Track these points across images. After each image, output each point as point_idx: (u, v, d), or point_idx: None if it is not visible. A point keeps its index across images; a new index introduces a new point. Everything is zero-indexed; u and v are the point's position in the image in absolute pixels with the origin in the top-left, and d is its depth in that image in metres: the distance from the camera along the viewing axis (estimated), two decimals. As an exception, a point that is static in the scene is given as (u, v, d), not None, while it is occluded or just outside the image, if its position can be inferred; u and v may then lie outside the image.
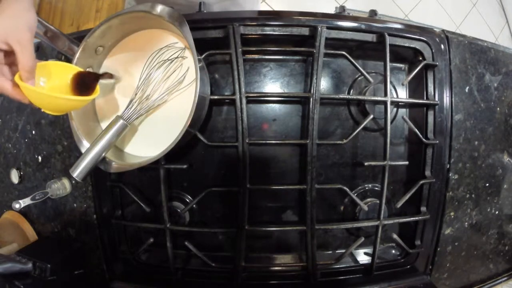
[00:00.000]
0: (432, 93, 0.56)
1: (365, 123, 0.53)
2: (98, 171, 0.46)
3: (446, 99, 0.56)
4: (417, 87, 0.57)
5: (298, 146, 0.55)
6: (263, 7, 1.84)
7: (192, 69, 0.47)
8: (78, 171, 0.43)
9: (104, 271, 0.59)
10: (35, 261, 0.53)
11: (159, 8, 0.44)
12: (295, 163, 0.56)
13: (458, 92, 0.57)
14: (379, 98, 0.52)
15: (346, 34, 0.53)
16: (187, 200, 0.56)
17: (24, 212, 0.66)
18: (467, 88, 0.58)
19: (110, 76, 0.49)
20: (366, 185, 0.58)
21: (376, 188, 0.58)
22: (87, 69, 0.49)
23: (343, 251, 0.57)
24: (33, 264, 0.53)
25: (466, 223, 0.61)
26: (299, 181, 0.56)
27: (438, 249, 0.59)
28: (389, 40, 0.52)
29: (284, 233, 0.58)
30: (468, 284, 0.64)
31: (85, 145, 0.47)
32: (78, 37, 0.49)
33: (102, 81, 0.50)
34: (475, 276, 0.65)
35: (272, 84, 0.56)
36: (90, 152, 0.44)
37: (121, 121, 0.45)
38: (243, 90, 0.51)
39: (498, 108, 0.61)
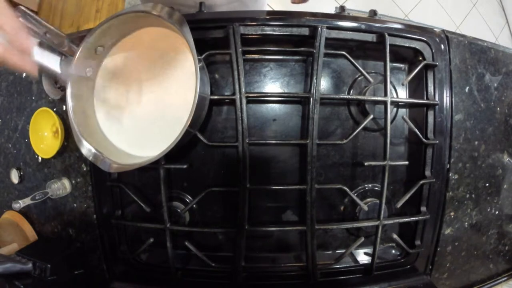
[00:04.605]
0: (432, 93, 0.56)
1: (365, 123, 0.53)
2: (98, 171, 0.46)
3: (446, 99, 0.56)
4: (417, 87, 0.57)
5: (298, 146, 0.55)
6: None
7: (192, 69, 0.47)
8: None
9: (104, 271, 0.59)
10: (35, 261, 0.53)
11: (159, 8, 0.44)
12: (295, 163, 0.56)
13: (458, 92, 0.57)
14: (379, 98, 0.52)
15: (346, 34, 0.53)
16: (187, 200, 0.56)
17: (24, 212, 0.66)
18: (467, 88, 0.58)
19: None
20: (366, 185, 0.58)
21: (376, 188, 0.58)
22: (87, 69, 0.49)
23: (343, 251, 0.57)
24: (33, 264, 0.53)
25: (466, 223, 0.61)
26: (299, 181, 0.56)
27: (438, 249, 0.59)
28: (389, 40, 0.52)
29: (284, 233, 0.58)
30: (468, 284, 0.64)
31: (85, 145, 0.46)
32: (78, 37, 0.49)
33: (100, 80, 0.50)
34: (475, 276, 0.65)
35: (272, 84, 0.56)
36: None
37: None
38: (243, 90, 0.51)
39: (498, 108, 0.61)
